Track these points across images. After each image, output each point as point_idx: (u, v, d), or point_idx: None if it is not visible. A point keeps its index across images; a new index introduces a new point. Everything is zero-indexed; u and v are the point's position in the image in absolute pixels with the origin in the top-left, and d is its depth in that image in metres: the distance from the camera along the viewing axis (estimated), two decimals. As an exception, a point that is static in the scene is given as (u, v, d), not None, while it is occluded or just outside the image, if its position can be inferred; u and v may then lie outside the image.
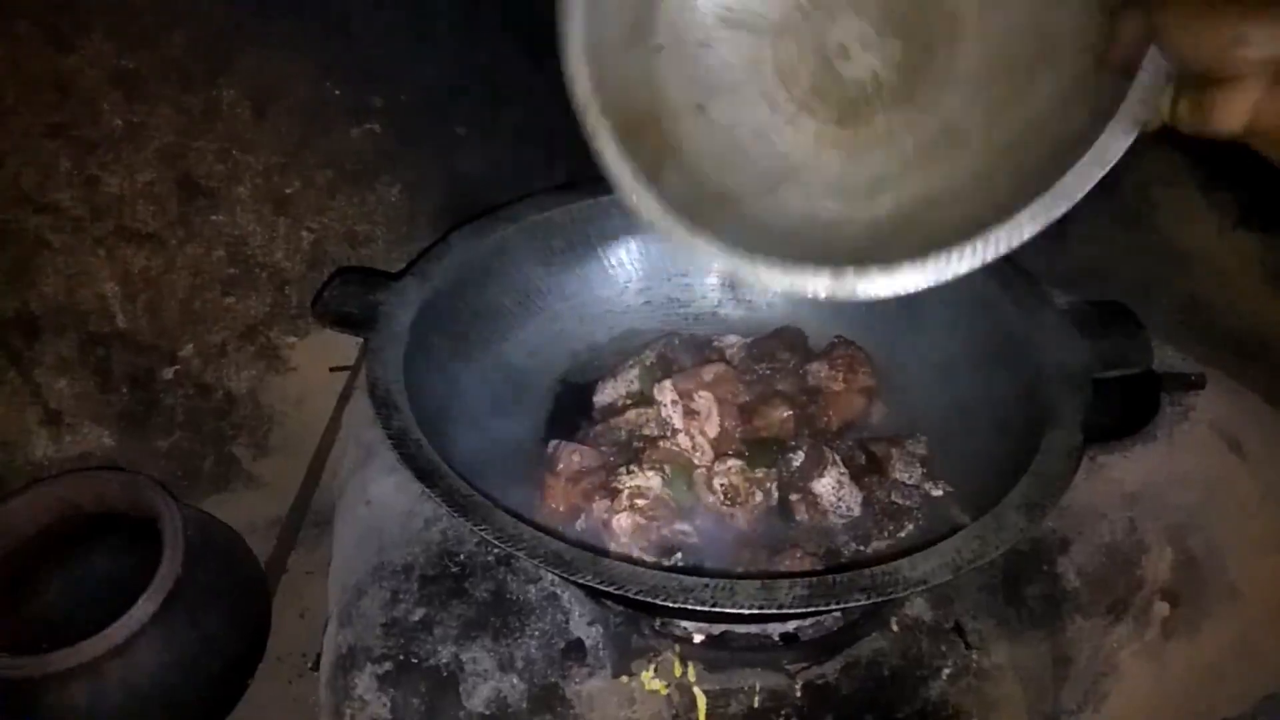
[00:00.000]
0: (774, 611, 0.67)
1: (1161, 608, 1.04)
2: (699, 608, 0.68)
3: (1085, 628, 1.00)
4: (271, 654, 1.31)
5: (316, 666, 1.00)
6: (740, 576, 0.72)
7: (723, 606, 0.68)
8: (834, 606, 0.68)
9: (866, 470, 1.01)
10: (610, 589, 0.68)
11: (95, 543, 1.28)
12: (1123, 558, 1.04)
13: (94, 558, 1.29)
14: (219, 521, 1.34)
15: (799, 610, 0.68)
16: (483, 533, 0.73)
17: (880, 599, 0.68)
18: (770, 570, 0.89)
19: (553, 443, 1.03)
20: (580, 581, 0.70)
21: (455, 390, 1.02)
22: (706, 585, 0.69)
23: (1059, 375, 0.90)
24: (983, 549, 0.73)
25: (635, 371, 1.11)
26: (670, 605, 0.68)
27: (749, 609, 0.68)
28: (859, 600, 0.68)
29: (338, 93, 1.22)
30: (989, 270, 1.02)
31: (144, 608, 1.11)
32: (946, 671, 0.94)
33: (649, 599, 0.69)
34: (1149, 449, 1.10)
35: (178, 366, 1.34)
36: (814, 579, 0.69)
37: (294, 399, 1.42)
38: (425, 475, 0.79)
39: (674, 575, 0.70)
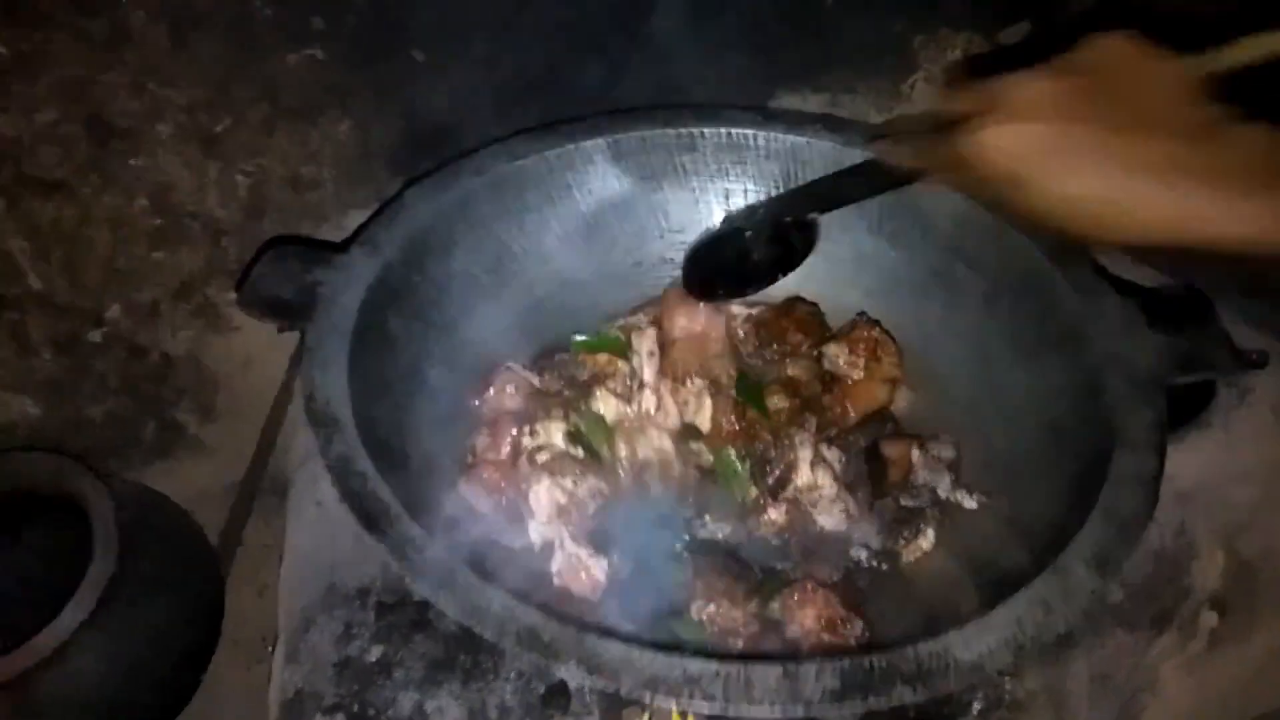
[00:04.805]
0: (799, 715, 0.55)
1: (1209, 617, 0.95)
2: (706, 702, 0.56)
3: (1127, 642, 0.91)
4: (228, 637, 1.21)
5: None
6: (757, 658, 0.59)
7: (735, 702, 0.56)
8: (871, 702, 0.56)
9: (871, 473, 0.89)
10: (602, 684, 0.56)
11: (21, 528, 1.16)
12: (1170, 565, 0.94)
13: (19, 545, 1.16)
14: (162, 497, 1.22)
15: (828, 705, 0.56)
16: (445, 607, 0.59)
17: (929, 695, 0.56)
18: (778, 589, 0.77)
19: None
20: (564, 672, 0.58)
21: (415, 382, 0.88)
22: (717, 674, 0.57)
23: (1126, 379, 0.77)
24: (1048, 620, 0.60)
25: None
26: (674, 699, 0.56)
27: (768, 704, 0.56)
28: (903, 695, 0.56)
29: (269, 12, 1.03)
30: (1035, 240, 0.89)
31: (74, 613, 1.00)
32: (978, 706, 0.83)
33: (647, 690, 0.57)
34: (1203, 438, 0.99)
35: (105, 329, 1.19)
36: (847, 664, 0.57)
37: (240, 360, 1.27)
38: (372, 522, 0.65)
39: (677, 660, 0.57)
